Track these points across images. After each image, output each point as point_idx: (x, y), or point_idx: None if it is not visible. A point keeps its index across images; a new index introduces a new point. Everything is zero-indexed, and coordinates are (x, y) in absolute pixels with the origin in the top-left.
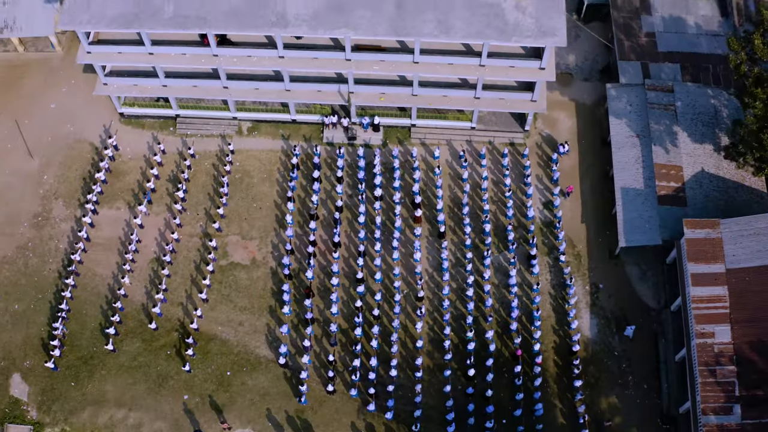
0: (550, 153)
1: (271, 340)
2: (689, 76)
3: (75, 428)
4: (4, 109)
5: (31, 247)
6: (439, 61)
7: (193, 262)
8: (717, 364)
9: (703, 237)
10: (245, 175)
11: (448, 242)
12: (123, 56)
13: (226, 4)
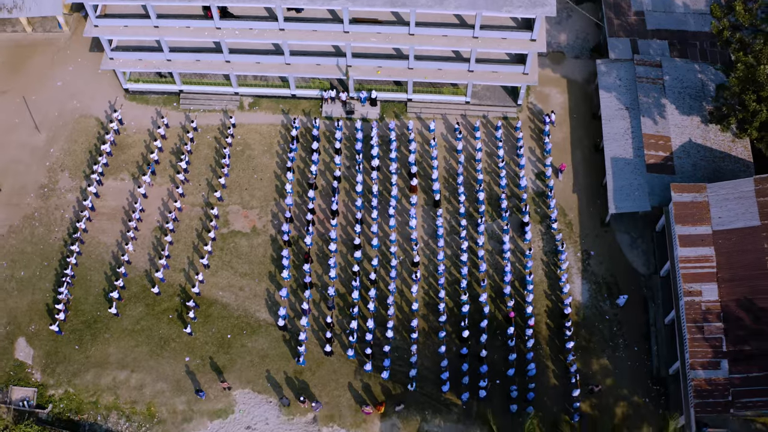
0: (542, 126)
1: (271, 305)
2: (677, 52)
3: (78, 390)
4: (12, 87)
5: (37, 217)
6: (434, 33)
7: (195, 231)
8: (704, 321)
9: (690, 200)
10: (246, 148)
11: (443, 211)
12: (129, 30)
13: None
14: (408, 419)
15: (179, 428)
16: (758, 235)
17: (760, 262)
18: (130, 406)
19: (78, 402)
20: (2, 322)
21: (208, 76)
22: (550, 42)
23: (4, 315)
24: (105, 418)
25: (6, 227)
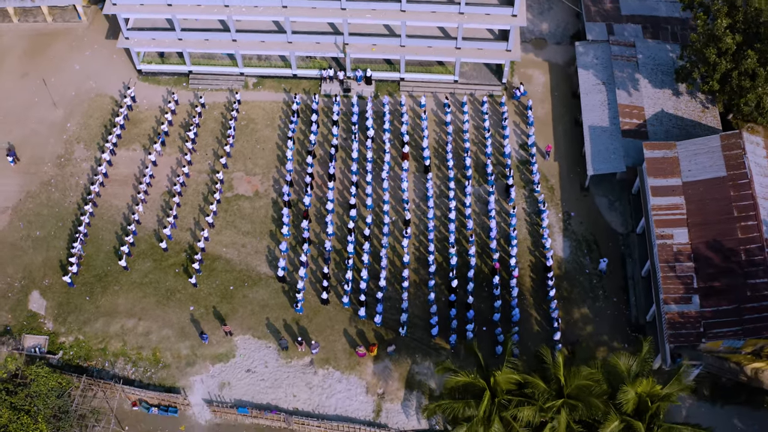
0: (525, 103)
1: (271, 260)
2: (649, 35)
3: (88, 337)
4: (33, 70)
5: (53, 183)
6: (423, 9)
7: (201, 194)
8: (676, 262)
9: (661, 156)
10: (250, 122)
11: (433, 176)
12: (144, 8)
13: None
14: (399, 362)
15: (183, 372)
16: (725, 185)
17: (727, 208)
18: (136, 352)
19: (87, 349)
20: (17, 276)
21: (216, 57)
22: (532, 30)
23: (20, 270)
24: (112, 364)
25: (24, 192)
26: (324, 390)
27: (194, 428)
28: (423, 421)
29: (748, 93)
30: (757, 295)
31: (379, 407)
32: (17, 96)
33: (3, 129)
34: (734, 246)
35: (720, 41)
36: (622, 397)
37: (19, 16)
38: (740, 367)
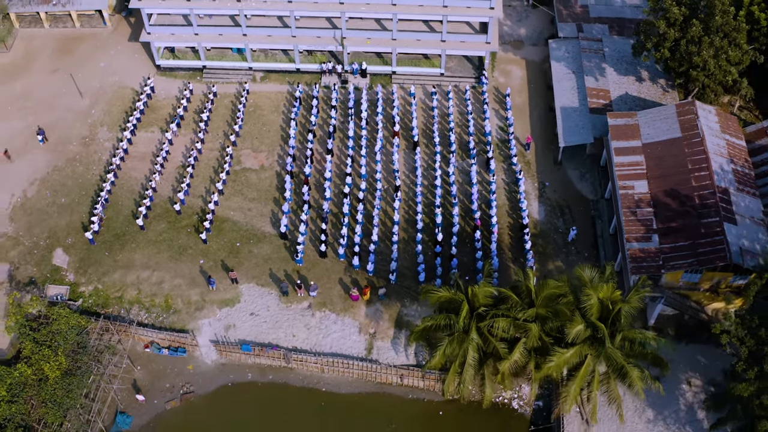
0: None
1: (274, 221)
2: (615, 33)
3: (106, 286)
4: (62, 66)
5: (78, 159)
6: (412, 2)
7: (212, 168)
8: (637, 207)
9: (623, 123)
10: (257, 109)
11: (420, 151)
12: (166, 2)
13: None
14: (389, 305)
15: (192, 316)
16: (680, 144)
17: (683, 162)
18: (150, 299)
19: (105, 297)
20: (43, 236)
21: (228, 55)
22: (511, 34)
23: (45, 231)
24: (128, 311)
25: (51, 167)
26: (321, 330)
27: (201, 367)
28: (411, 357)
29: (694, 57)
30: (709, 232)
31: (370, 345)
32: (47, 88)
33: (34, 115)
34: (689, 193)
35: (668, 12)
36: (586, 300)
37: (50, 22)
38: (701, 306)
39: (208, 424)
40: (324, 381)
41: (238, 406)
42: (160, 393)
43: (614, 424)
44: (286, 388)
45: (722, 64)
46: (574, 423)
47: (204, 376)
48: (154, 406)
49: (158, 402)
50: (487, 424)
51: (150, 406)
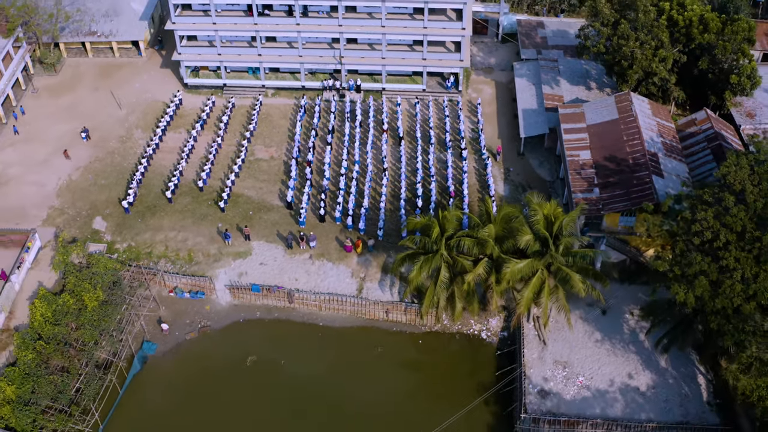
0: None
1: (282, 197)
2: (569, 56)
3: (138, 243)
4: (103, 86)
5: (116, 152)
6: (397, 24)
7: (230, 158)
8: (581, 169)
9: (571, 111)
10: (268, 116)
11: (405, 145)
12: (195, 26)
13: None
14: (377, 255)
15: (211, 266)
16: (617, 123)
17: (619, 136)
18: (175, 254)
19: (137, 253)
20: (85, 207)
21: (244, 76)
22: (483, 62)
23: (87, 204)
24: (156, 263)
25: (93, 157)
26: (319, 275)
27: (217, 308)
28: (395, 295)
29: (624, 48)
30: (639, 182)
31: (361, 286)
32: (90, 102)
33: (79, 120)
34: (624, 156)
35: (601, 14)
36: (533, 215)
37: (93, 52)
38: (639, 251)
39: (221, 351)
40: (321, 317)
41: (247, 337)
42: (181, 327)
43: (567, 345)
44: (288, 323)
45: (647, 54)
46: (533, 344)
47: (219, 315)
48: (176, 337)
49: (179, 334)
50: (459, 351)
51: (172, 337)
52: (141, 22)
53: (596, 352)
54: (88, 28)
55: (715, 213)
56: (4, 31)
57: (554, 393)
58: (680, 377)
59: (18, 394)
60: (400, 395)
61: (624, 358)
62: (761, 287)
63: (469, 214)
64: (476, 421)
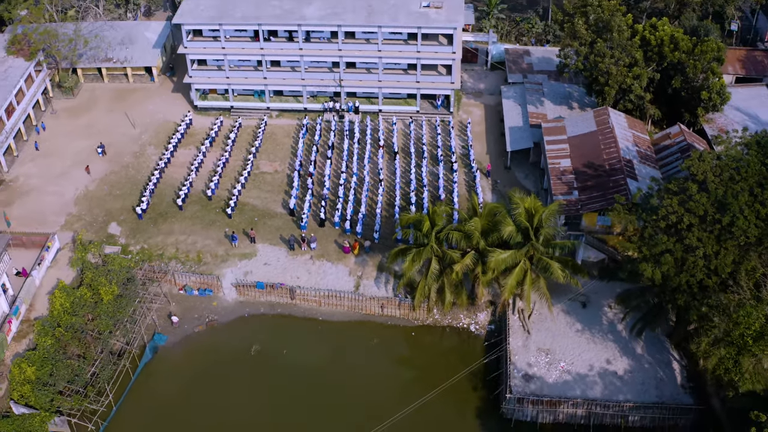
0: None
1: (285, 205)
2: (552, 80)
3: (151, 246)
4: (118, 108)
5: (130, 166)
6: (393, 48)
7: (237, 171)
8: (562, 175)
9: (553, 125)
10: (273, 134)
11: (399, 159)
12: (206, 50)
13: (270, 11)
14: (373, 256)
15: (218, 266)
16: (595, 134)
17: (597, 145)
18: (185, 255)
19: (149, 254)
20: (101, 214)
21: (250, 99)
22: (473, 87)
23: (103, 211)
24: (167, 264)
25: (109, 170)
26: (319, 274)
27: (224, 304)
28: (390, 292)
29: (600, 65)
30: (615, 184)
31: (358, 284)
32: (106, 121)
33: (96, 138)
34: (601, 163)
35: (579, 34)
36: (515, 209)
37: (109, 78)
38: (617, 250)
39: (227, 342)
40: (321, 312)
41: (252, 330)
42: (190, 321)
43: (550, 334)
44: (290, 318)
45: (621, 70)
46: (518, 333)
47: (226, 310)
48: (184, 330)
49: (188, 327)
50: (450, 342)
51: (181, 329)
52: (154, 49)
53: (577, 340)
54: (104, 55)
55: (679, 200)
56: (26, 54)
57: (537, 377)
58: (655, 363)
59: (37, 375)
60: (393, 381)
61: (603, 346)
62: (721, 263)
63: (458, 210)
64: (465, 404)
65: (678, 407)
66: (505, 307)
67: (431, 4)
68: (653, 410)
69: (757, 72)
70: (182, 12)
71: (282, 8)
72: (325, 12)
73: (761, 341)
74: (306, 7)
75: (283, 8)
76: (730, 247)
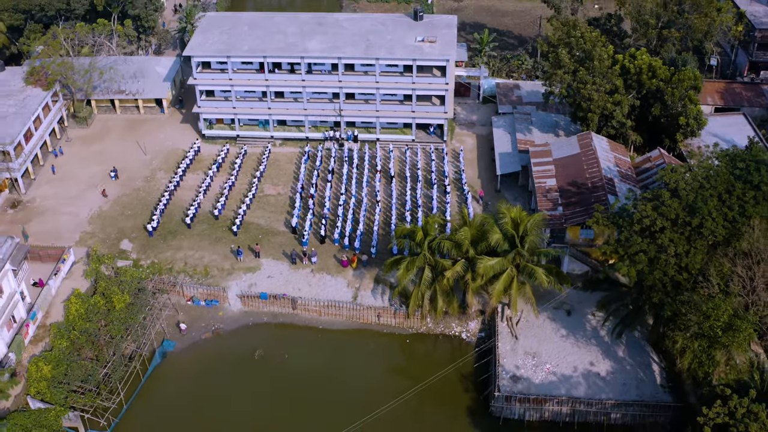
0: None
1: (287, 224)
2: (540, 110)
3: (161, 260)
4: (130, 137)
5: (141, 188)
6: (390, 80)
7: (242, 194)
8: (548, 193)
9: (540, 149)
10: (276, 161)
11: (396, 183)
12: (214, 81)
13: (275, 44)
14: (370, 269)
15: (225, 279)
16: (579, 156)
17: (580, 166)
18: (193, 269)
19: (159, 268)
20: (114, 232)
21: (255, 128)
22: (466, 119)
23: (115, 229)
24: (175, 277)
25: (121, 193)
26: (319, 286)
27: (229, 313)
28: (385, 301)
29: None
30: (597, 200)
31: (356, 295)
32: (118, 149)
33: (109, 163)
34: (584, 181)
35: (563, 63)
36: (502, 218)
37: (121, 110)
38: (600, 263)
39: (232, 348)
40: (321, 321)
41: (255, 337)
42: (197, 329)
43: (537, 339)
44: (292, 326)
45: (602, 96)
46: (506, 339)
47: (231, 319)
48: (192, 337)
49: (195, 334)
50: (442, 349)
51: (189, 337)
52: (165, 83)
53: (562, 345)
54: (117, 87)
55: (653, 206)
56: (44, 84)
57: (525, 378)
58: (636, 365)
59: (53, 374)
60: (389, 383)
61: (586, 350)
62: (692, 261)
63: (449, 221)
64: (457, 405)
65: (657, 404)
66: (495, 314)
67: (426, 38)
68: (634, 407)
69: (735, 102)
70: (192, 45)
71: (286, 42)
72: (326, 45)
73: (730, 332)
74: (308, 41)
75: (286, 42)
76: (699, 246)
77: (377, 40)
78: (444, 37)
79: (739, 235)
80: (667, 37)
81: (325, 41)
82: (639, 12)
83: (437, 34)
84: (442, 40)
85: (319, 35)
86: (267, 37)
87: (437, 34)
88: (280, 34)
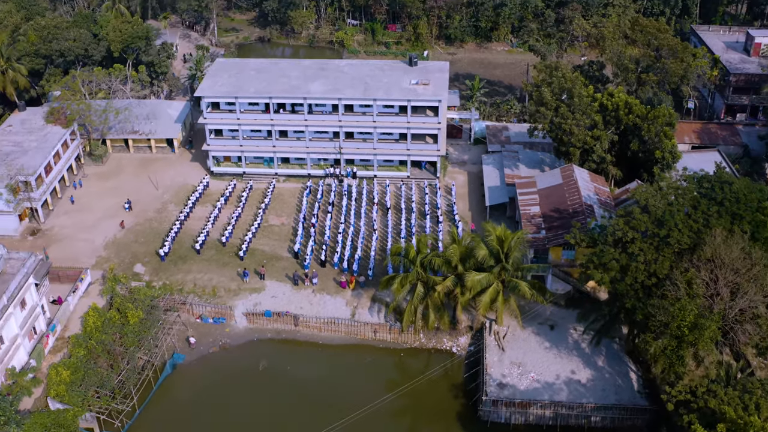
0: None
1: (290, 250)
2: (527, 149)
3: (172, 282)
4: (142, 174)
5: (154, 219)
6: (386, 120)
7: (248, 224)
8: (532, 218)
9: (525, 181)
10: (280, 195)
11: (392, 214)
12: (223, 120)
13: (280, 86)
14: (367, 290)
15: (231, 299)
16: (561, 186)
17: (562, 195)
18: (201, 289)
19: (170, 289)
20: (128, 257)
21: (260, 166)
22: (458, 158)
23: (129, 254)
24: (185, 296)
25: (135, 223)
26: (320, 304)
27: (235, 330)
28: (381, 318)
29: (563, 126)
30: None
31: (354, 312)
32: (131, 184)
33: (123, 196)
34: (565, 208)
35: (545, 100)
36: (488, 236)
37: (134, 149)
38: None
39: (238, 361)
40: (321, 337)
41: (260, 351)
42: (206, 344)
43: (522, 351)
44: (294, 342)
45: (583, 130)
46: (494, 351)
47: (237, 335)
48: (200, 351)
49: (203, 348)
50: (434, 361)
51: (197, 350)
52: (176, 124)
53: (545, 355)
54: (131, 128)
55: (625, 220)
56: (63, 123)
57: (510, 385)
58: (615, 373)
59: (72, 379)
60: (384, 392)
61: (568, 360)
62: (660, 267)
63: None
64: (447, 411)
65: (635, 408)
66: (483, 329)
67: (419, 81)
68: (613, 411)
69: (711, 141)
70: (203, 87)
71: (290, 84)
72: (327, 87)
73: (695, 331)
74: (311, 84)
75: (290, 84)
76: (666, 254)
77: (375, 83)
78: (436, 81)
79: (703, 244)
80: (646, 80)
81: (327, 84)
82: (619, 58)
83: (430, 78)
84: (434, 83)
85: (321, 79)
86: (272, 80)
87: (430, 78)
88: (285, 78)
